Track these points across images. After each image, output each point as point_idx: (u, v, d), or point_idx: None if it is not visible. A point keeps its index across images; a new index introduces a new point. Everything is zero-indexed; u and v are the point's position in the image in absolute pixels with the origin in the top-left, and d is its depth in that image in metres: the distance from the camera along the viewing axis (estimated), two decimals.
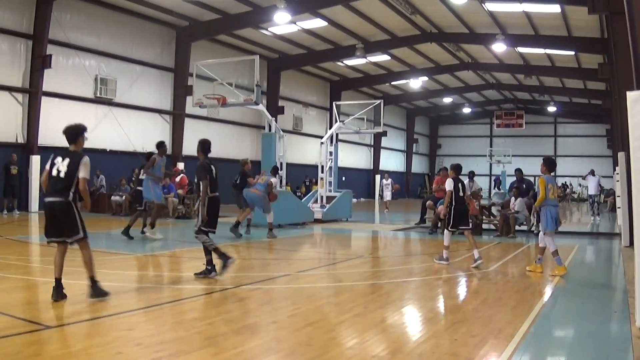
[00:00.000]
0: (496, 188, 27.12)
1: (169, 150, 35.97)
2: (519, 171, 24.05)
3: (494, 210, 24.73)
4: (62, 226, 9.52)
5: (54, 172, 9.45)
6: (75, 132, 10.03)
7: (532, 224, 22.59)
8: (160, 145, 19.89)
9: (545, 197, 13.29)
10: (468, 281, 12.57)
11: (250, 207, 21.07)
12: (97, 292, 9.58)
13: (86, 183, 9.52)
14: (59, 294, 9.38)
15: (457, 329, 8.10)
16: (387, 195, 41.01)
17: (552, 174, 13.98)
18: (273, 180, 21.15)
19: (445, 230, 14.96)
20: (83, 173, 9.49)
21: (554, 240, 13.38)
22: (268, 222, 20.86)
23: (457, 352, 7.00)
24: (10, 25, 29.24)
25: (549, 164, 13.76)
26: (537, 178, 14.03)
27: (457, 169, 15.12)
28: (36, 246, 16.20)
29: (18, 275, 11.47)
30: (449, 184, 14.67)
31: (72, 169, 9.45)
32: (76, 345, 6.99)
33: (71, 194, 9.47)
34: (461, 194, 14.72)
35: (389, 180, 41.40)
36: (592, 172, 32.04)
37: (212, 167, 12.51)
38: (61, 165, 9.51)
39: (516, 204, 22.05)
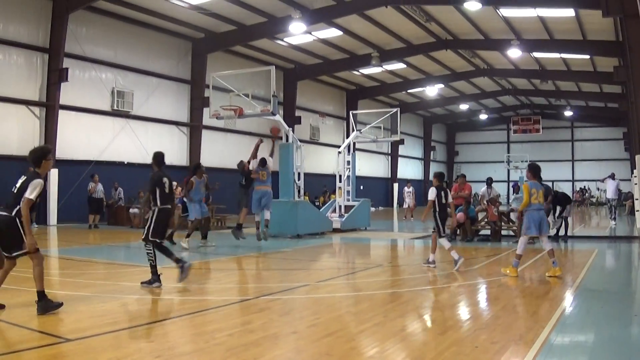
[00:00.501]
0: (514, 194, 26.98)
1: (186, 162, 36.16)
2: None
3: (512, 216, 24.62)
4: (5, 241, 9.45)
5: (13, 188, 9.44)
6: (36, 157, 9.78)
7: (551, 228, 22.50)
8: (198, 167, 20.82)
9: (529, 202, 13.72)
10: (488, 288, 12.50)
11: (251, 208, 21.27)
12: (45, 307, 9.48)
13: (28, 205, 9.26)
14: None
15: (478, 336, 8.04)
16: (410, 203, 40.93)
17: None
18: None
19: (439, 239, 15.45)
20: (28, 193, 9.26)
21: (525, 244, 14.11)
22: (268, 220, 21.23)
23: (478, 359, 6.96)
24: (26, 39, 29.40)
25: (534, 170, 14.14)
26: (527, 182, 14.16)
27: (439, 177, 15.72)
28: (54, 259, 16.23)
29: (35, 289, 11.48)
30: (431, 193, 15.35)
31: (23, 187, 9.35)
32: (96, 358, 6.96)
33: (16, 210, 9.35)
34: (443, 201, 15.35)
35: (411, 189, 41.41)
36: (612, 176, 31.78)
37: (166, 179, 12.58)
38: (18, 182, 9.48)
39: None
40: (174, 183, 27.48)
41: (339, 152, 30.03)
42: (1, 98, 28.43)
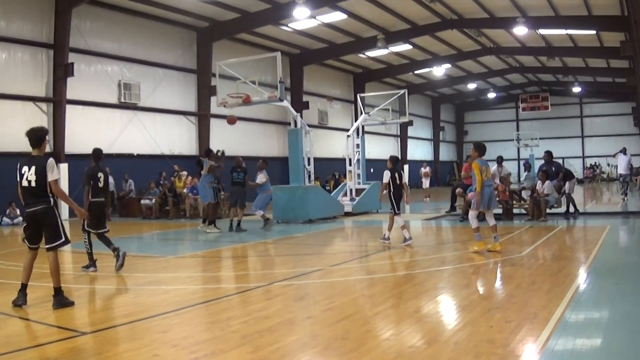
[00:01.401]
0: (526, 172, 26.82)
1: (195, 151, 36.20)
2: (547, 153, 23.92)
3: (524, 194, 24.54)
4: (43, 232, 9.56)
5: (25, 183, 9.51)
6: (40, 137, 10.08)
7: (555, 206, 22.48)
8: (209, 152, 22.67)
9: (481, 179, 14.10)
10: (501, 267, 12.47)
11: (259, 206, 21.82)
12: (61, 302, 9.45)
13: (57, 184, 9.50)
14: (23, 298, 9.48)
15: (493, 316, 8.04)
16: (426, 184, 41.04)
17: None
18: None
19: (395, 216, 16.78)
20: (51, 176, 9.45)
21: (477, 218, 14.48)
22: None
23: (493, 339, 6.94)
24: (30, 35, 29.42)
25: (479, 149, 14.51)
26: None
27: (394, 161, 17.37)
28: (67, 253, 16.26)
29: (50, 284, 11.50)
30: (385, 176, 16.85)
31: (41, 175, 9.44)
32: (112, 350, 6.98)
33: (51, 199, 9.55)
34: (398, 182, 16.80)
35: (427, 169, 41.51)
36: (624, 151, 31.45)
37: (101, 173, 13.20)
38: (29, 174, 9.53)
39: (545, 187, 21.85)
40: (184, 173, 27.80)
41: (348, 136, 29.99)
42: (8, 95, 28.49)
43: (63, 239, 9.62)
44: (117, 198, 30.82)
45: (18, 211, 27.08)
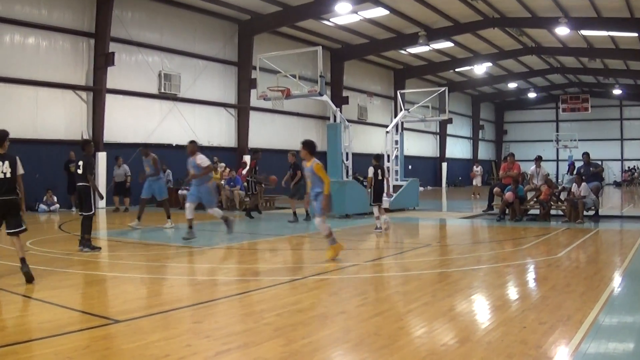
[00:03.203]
0: (568, 174, 26.51)
1: (234, 143, 36.31)
2: (586, 155, 23.77)
3: (562, 195, 24.34)
4: (9, 220, 10.63)
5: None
6: (1, 137, 10.73)
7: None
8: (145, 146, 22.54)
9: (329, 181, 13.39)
10: (536, 268, 12.39)
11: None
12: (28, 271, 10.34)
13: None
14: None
15: (526, 317, 7.95)
16: (478, 182, 41.09)
17: None
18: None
19: (372, 207, 19.42)
20: (20, 171, 10.73)
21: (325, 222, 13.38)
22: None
23: (526, 340, 6.86)
24: (72, 24, 29.63)
25: (310, 147, 13.73)
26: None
27: (377, 158, 20.15)
28: (104, 242, 16.35)
29: (85, 271, 11.58)
30: (370, 172, 19.41)
31: (13, 169, 10.56)
32: (145, 339, 6.99)
33: (18, 192, 10.76)
34: (379, 177, 19.36)
35: (479, 168, 41.58)
36: None
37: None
38: (4, 167, 10.49)
39: (581, 189, 21.65)
40: (222, 165, 27.95)
41: (387, 132, 29.91)
42: (48, 83, 28.69)
43: (24, 227, 10.84)
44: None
45: (55, 198, 27.27)
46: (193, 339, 7.02)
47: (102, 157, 29.32)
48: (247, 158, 34.65)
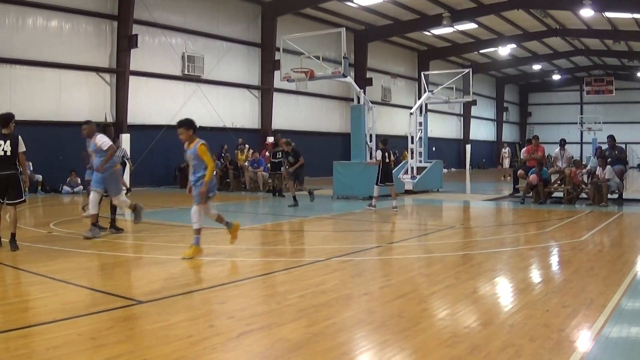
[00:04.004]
0: (595, 157, 26.25)
1: (258, 125, 36.35)
2: (610, 138, 23.59)
3: (585, 178, 24.14)
4: (10, 192, 11.69)
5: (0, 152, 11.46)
6: (6, 120, 11.70)
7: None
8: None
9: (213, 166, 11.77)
10: (560, 251, 12.33)
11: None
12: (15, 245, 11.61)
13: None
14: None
15: (549, 300, 7.92)
16: (506, 164, 41.02)
17: None
18: None
19: (375, 185, 20.37)
20: (22, 148, 11.75)
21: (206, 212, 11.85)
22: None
23: (549, 323, 6.83)
24: (94, 7, 29.76)
25: (191, 126, 11.97)
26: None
27: (384, 142, 20.54)
28: (129, 223, 16.39)
29: (109, 252, 11.63)
30: (378, 155, 20.43)
31: (14, 147, 11.59)
32: (168, 320, 7.00)
33: (18, 167, 11.77)
34: (387, 160, 20.28)
35: (507, 149, 41.52)
36: None
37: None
38: (5, 146, 11.54)
39: (606, 171, 21.49)
40: (246, 146, 28.01)
41: (411, 114, 29.83)
42: (72, 66, 28.85)
43: (24, 198, 12.12)
44: (177, 169, 31.07)
45: (79, 180, 27.40)
46: (217, 319, 7.07)
47: (126, 139, 29.41)
48: (271, 140, 34.70)
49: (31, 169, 24.66)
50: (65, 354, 5.84)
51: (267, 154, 28.55)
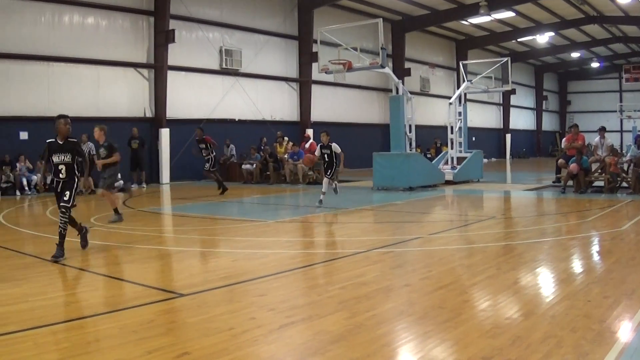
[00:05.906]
0: (636, 146, 25.88)
1: (297, 117, 36.38)
2: None
3: (625, 167, 23.85)
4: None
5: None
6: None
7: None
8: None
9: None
10: (601, 241, 12.21)
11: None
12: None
13: None
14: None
15: (590, 290, 7.84)
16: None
17: None
18: None
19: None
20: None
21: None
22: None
23: (590, 314, 6.77)
24: (130, 3, 29.92)
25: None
26: None
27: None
28: (168, 217, 16.49)
29: (150, 246, 11.70)
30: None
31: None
32: (209, 312, 7.04)
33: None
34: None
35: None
36: None
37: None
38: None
39: None
40: (285, 138, 28.17)
41: (450, 103, 29.65)
42: (110, 62, 29.04)
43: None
44: (219, 163, 31.24)
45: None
46: (257, 311, 7.06)
47: (165, 133, 29.59)
48: (309, 132, 34.69)
49: None
50: (107, 347, 5.89)
51: (306, 146, 28.55)
